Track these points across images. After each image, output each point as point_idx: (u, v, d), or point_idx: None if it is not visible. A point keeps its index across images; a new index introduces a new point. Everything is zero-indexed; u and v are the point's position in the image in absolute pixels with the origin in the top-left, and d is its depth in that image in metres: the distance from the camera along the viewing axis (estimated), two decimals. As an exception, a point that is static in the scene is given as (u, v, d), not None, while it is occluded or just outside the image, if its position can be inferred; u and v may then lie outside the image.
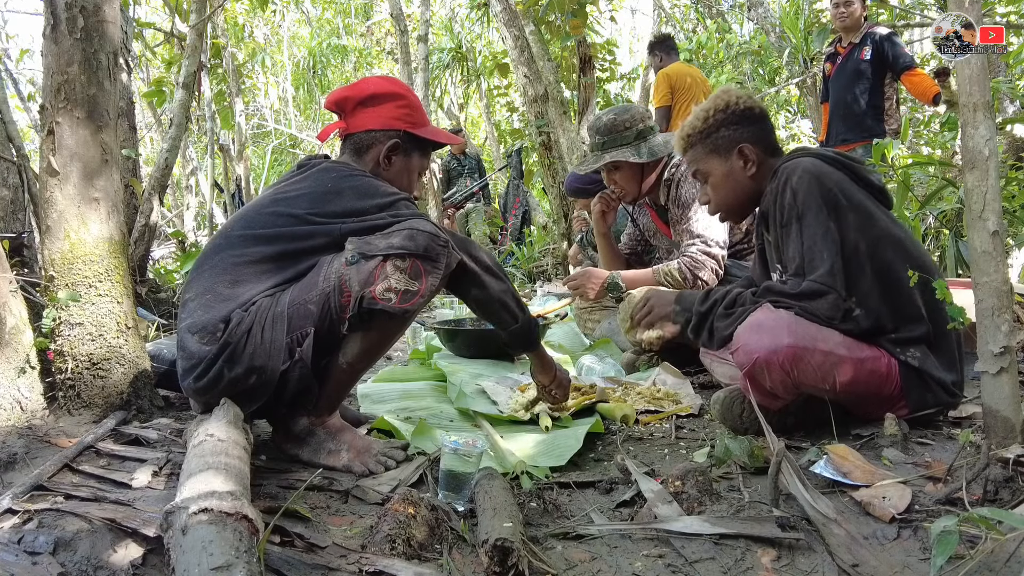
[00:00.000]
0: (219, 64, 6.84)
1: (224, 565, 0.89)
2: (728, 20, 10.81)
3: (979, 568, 1.03)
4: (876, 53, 4.18)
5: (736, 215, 1.92)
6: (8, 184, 2.95)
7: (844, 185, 1.66)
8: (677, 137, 1.91)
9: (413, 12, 11.66)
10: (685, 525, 1.24)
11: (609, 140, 2.67)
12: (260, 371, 1.49)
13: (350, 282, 1.50)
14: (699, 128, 1.83)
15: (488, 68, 10.23)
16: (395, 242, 1.52)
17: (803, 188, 1.63)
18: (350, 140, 1.79)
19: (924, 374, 1.60)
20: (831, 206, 1.62)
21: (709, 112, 1.82)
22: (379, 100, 1.77)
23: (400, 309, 1.52)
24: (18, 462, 1.49)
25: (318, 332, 1.52)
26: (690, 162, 1.90)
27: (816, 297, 1.57)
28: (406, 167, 1.82)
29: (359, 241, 1.54)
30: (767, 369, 1.54)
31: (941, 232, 3.61)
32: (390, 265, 1.51)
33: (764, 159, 1.80)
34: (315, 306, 1.52)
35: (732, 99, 1.81)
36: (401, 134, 1.77)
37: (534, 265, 6.95)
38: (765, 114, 1.85)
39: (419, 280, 1.53)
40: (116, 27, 1.88)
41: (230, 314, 1.52)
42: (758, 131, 1.81)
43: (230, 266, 1.58)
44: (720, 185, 1.84)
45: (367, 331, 1.57)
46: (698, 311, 1.73)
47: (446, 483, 1.40)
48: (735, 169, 1.81)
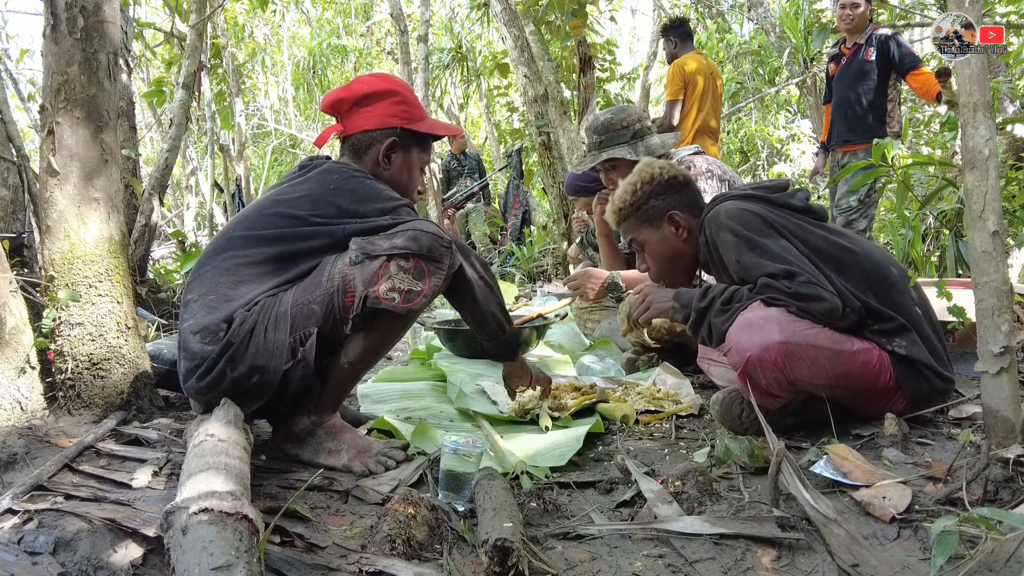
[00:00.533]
0: (219, 64, 6.84)
1: (224, 565, 0.89)
2: (728, 20, 10.81)
3: (979, 568, 1.03)
4: (881, 54, 4.17)
5: (679, 281, 1.98)
6: (8, 184, 2.95)
7: (768, 213, 1.74)
8: (609, 212, 2.00)
9: (413, 12, 11.66)
10: (685, 525, 1.24)
11: (606, 139, 2.69)
12: (262, 370, 1.50)
13: (354, 282, 1.51)
14: (629, 201, 1.94)
15: (488, 68, 10.22)
16: (399, 242, 1.53)
17: (736, 221, 1.72)
18: (348, 141, 1.79)
19: (914, 361, 1.62)
20: (770, 227, 1.70)
21: (636, 185, 1.93)
22: (374, 99, 1.77)
23: (404, 309, 1.53)
24: (18, 462, 1.49)
25: (321, 332, 1.53)
26: (625, 234, 2.01)
27: (815, 300, 1.59)
28: (406, 164, 1.82)
29: (363, 241, 1.55)
30: (760, 367, 1.55)
31: (941, 232, 3.62)
32: (394, 265, 1.52)
33: (693, 222, 1.90)
34: (319, 306, 1.52)
35: (656, 171, 1.93)
36: (398, 131, 1.78)
37: (534, 265, 6.95)
38: (689, 180, 1.96)
39: (423, 280, 1.54)
40: (116, 27, 1.88)
41: (232, 314, 1.52)
42: (684, 198, 1.92)
43: (232, 267, 1.58)
44: (656, 252, 1.95)
45: (370, 331, 1.58)
46: (697, 307, 1.74)
47: (446, 483, 1.40)
48: (667, 236, 1.91)
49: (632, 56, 17.30)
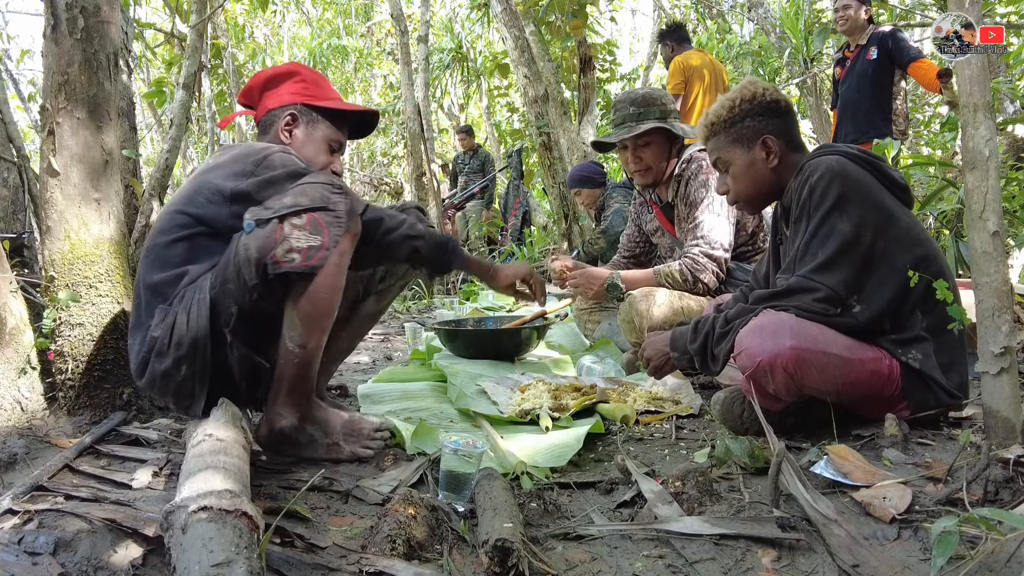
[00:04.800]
0: (220, 65, 6.85)
1: (225, 561, 0.89)
2: (728, 20, 10.81)
3: (979, 568, 1.03)
4: (882, 51, 4.20)
5: (753, 206, 1.91)
6: (8, 184, 2.95)
7: (866, 183, 1.65)
8: (700, 125, 1.90)
9: (413, 12, 11.66)
10: (685, 525, 1.24)
11: (645, 111, 2.60)
12: (190, 359, 1.49)
13: (249, 250, 1.47)
14: (724, 117, 1.82)
15: (488, 68, 10.22)
16: (287, 201, 1.50)
17: (822, 185, 1.63)
18: (260, 124, 1.85)
19: (925, 376, 1.60)
20: (849, 203, 1.61)
21: (735, 101, 1.81)
22: (276, 81, 1.85)
23: (308, 267, 1.48)
24: (18, 462, 1.50)
25: (242, 309, 1.50)
26: (712, 150, 1.89)
27: (804, 292, 1.58)
28: (310, 138, 1.82)
29: (256, 209, 1.52)
30: (771, 372, 1.53)
31: (941, 232, 3.61)
32: (287, 225, 1.48)
33: (786, 153, 1.80)
34: (233, 284, 1.50)
35: (759, 90, 1.81)
36: (298, 107, 1.81)
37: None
38: (791, 108, 1.84)
39: (320, 234, 1.49)
40: (116, 27, 1.88)
41: (154, 309, 1.54)
42: (782, 124, 1.80)
43: (150, 263, 1.60)
44: (741, 175, 1.83)
45: (295, 302, 1.52)
46: (693, 350, 1.74)
47: (446, 483, 1.39)
48: (757, 160, 1.80)
49: (632, 56, 17.31)
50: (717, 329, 1.69)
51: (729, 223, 2.53)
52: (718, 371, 1.73)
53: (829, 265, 1.58)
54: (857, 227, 1.60)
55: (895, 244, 1.62)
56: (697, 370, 1.79)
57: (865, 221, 1.60)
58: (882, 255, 1.61)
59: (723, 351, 1.65)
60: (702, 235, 2.51)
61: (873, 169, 1.70)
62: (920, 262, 1.61)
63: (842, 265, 1.58)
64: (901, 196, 1.72)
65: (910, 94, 4.64)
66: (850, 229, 1.59)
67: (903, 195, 1.73)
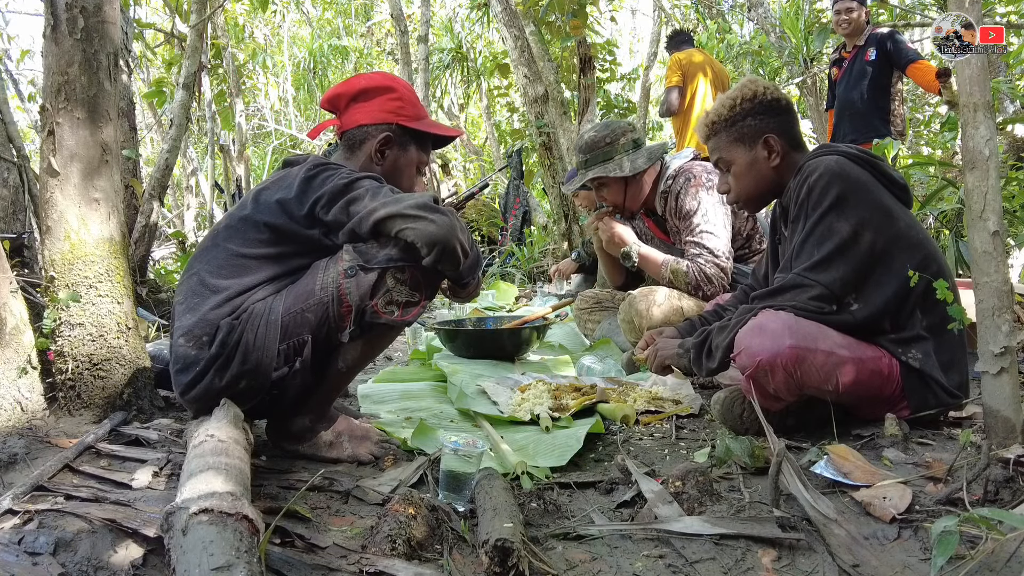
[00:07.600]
0: (219, 65, 6.85)
1: (225, 565, 0.89)
2: (728, 20, 10.80)
3: (979, 568, 1.03)
4: (880, 53, 4.20)
5: (754, 205, 1.92)
6: (8, 184, 2.95)
7: (865, 183, 1.65)
8: (701, 124, 1.90)
9: (413, 12, 11.66)
10: (685, 525, 1.24)
11: (591, 157, 2.70)
12: (251, 376, 1.50)
13: (350, 295, 1.50)
14: (725, 116, 1.82)
15: (488, 68, 10.21)
16: (394, 254, 1.50)
17: (821, 185, 1.63)
18: (344, 137, 1.77)
19: (925, 375, 1.60)
20: (847, 204, 1.61)
21: (736, 100, 1.81)
22: (370, 95, 1.73)
23: (403, 322, 1.55)
24: (18, 462, 1.49)
25: (315, 339, 1.53)
26: (713, 150, 1.88)
27: (798, 289, 1.58)
28: (401, 161, 1.77)
29: (356, 251, 1.52)
30: (771, 371, 1.54)
31: (941, 232, 3.61)
32: (390, 278, 1.51)
33: (788, 152, 1.80)
34: (312, 314, 1.51)
35: (760, 89, 1.81)
36: (393, 127, 1.73)
37: (534, 265, 6.95)
38: (791, 106, 1.84)
39: (419, 291, 1.55)
40: (116, 27, 1.88)
41: (219, 320, 1.51)
42: (784, 123, 1.80)
43: (215, 267, 1.58)
44: (742, 174, 1.83)
45: (367, 339, 1.59)
46: (694, 344, 1.75)
47: (446, 483, 1.40)
48: (759, 159, 1.80)
49: (632, 56, 17.29)
50: (716, 327, 1.70)
51: (726, 230, 2.55)
52: (713, 370, 1.73)
53: (824, 263, 1.58)
54: (855, 227, 1.60)
55: (894, 244, 1.62)
56: (693, 367, 1.78)
57: (864, 221, 1.60)
58: (881, 255, 1.61)
59: (721, 346, 1.66)
60: (709, 247, 2.52)
61: (873, 169, 1.70)
62: (920, 262, 1.61)
63: (838, 263, 1.58)
64: (901, 196, 1.72)
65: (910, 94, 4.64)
66: (848, 229, 1.59)
67: (903, 195, 1.73)
